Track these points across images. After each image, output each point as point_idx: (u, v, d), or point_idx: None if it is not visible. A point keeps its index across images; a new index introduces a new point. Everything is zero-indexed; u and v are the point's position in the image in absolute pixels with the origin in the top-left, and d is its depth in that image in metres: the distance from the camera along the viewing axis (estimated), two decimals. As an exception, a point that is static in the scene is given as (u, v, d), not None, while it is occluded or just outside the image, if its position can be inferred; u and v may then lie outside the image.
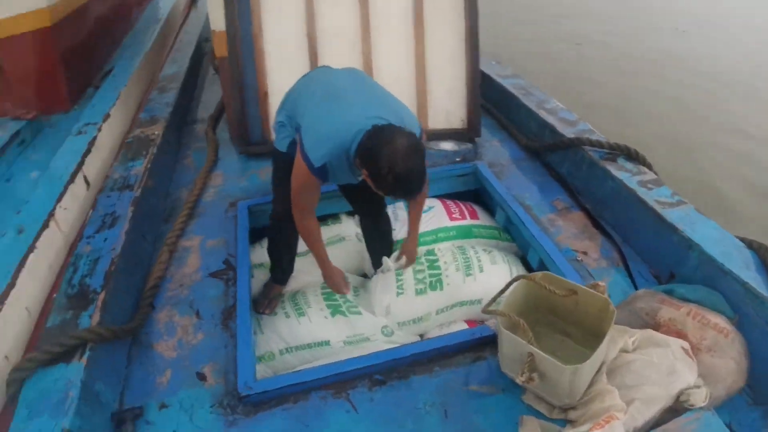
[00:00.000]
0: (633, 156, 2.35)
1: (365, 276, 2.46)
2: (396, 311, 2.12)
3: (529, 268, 2.33)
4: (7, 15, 2.82)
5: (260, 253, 2.39)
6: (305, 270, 2.36)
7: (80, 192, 2.40)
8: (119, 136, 2.94)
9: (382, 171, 1.50)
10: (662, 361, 1.38)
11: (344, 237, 2.43)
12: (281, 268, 2.23)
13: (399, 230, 2.43)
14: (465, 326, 2.14)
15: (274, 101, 2.78)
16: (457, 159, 2.79)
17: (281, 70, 2.75)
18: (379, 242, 2.31)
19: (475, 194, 2.81)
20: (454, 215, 2.54)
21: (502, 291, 1.65)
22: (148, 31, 4.22)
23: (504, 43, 7.03)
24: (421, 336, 2.18)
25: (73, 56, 3.27)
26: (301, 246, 2.17)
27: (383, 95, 1.81)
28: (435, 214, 2.54)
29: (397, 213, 2.55)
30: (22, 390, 1.51)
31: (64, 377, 1.53)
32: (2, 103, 3.07)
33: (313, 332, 2.06)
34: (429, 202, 2.63)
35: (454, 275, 2.18)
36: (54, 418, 1.41)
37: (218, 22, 2.67)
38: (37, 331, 1.82)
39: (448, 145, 2.86)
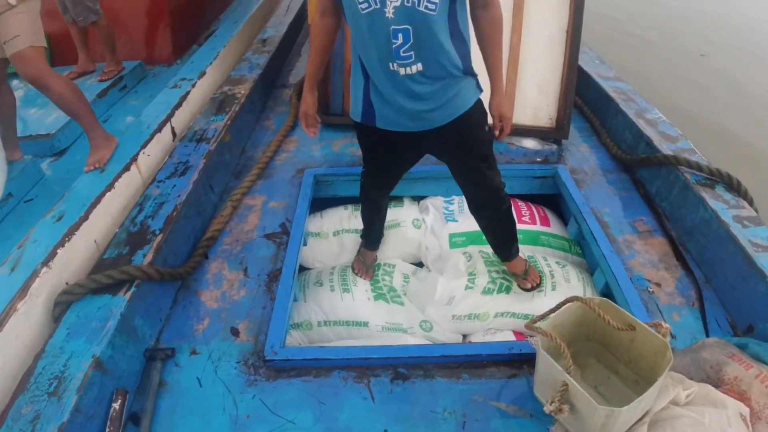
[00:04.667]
0: (734, 187, 2.06)
1: (420, 264, 2.39)
2: (457, 302, 2.03)
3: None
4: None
5: (319, 222, 2.39)
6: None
7: (166, 141, 2.55)
8: (212, 92, 3.07)
9: None
10: (713, 424, 1.19)
11: (400, 223, 2.36)
12: (368, 233, 2.16)
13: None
14: (512, 336, 2.02)
15: (358, 75, 2.75)
16: (538, 159, 2.61)
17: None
18: (487, 231, 1.97)
19: (551, 200, 2.62)
20: (523, 218, 2.39)
21: (554, 309, 1.51)
22: (257, -6, 4.38)
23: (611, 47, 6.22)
24: (465, 336, 2.09)
25: (180, 13, 3.46)
26: None
27: None
28: (502, 214, 2.40)
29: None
30: (67, 312, 1.64)
31: (107, 307, 1.63)
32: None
33: (353, 311, 2.04)
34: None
35: (524, 285, 2.07)
36: (89, 343, 1.51)
37: (314, -14, 2.66)
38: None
39: (530, 143, 2.69)
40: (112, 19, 3.26)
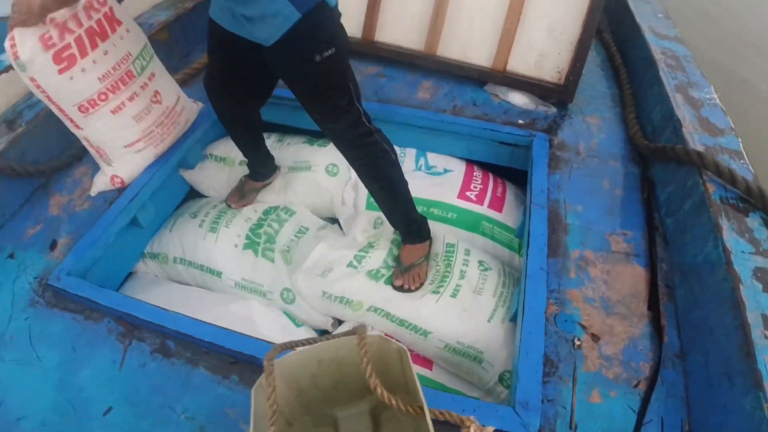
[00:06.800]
0: None
1: (333, 220, 2.00)
2: (334, 278, 1.65)
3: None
4: None
5: (229, 147, 2.01)
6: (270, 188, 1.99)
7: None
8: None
9: None
10: None
11: (312, 165, 1.95)
12: (247, 159, 1.89)
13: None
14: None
15: None
16: (520, 121, 1.95)
17: None
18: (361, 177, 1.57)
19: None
20: (468, 192, 1.84)
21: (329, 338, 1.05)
22: None
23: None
24: (340, 322, 1.71)
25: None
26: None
27: None
28: (446, 181, 1.88)
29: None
30: None
31: None
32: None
33: (210, 255, 1.76)
34: (452, 163, 1.96)
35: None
36: None
37: None
38: None
39: (519, 99, 2.00)
40: None
